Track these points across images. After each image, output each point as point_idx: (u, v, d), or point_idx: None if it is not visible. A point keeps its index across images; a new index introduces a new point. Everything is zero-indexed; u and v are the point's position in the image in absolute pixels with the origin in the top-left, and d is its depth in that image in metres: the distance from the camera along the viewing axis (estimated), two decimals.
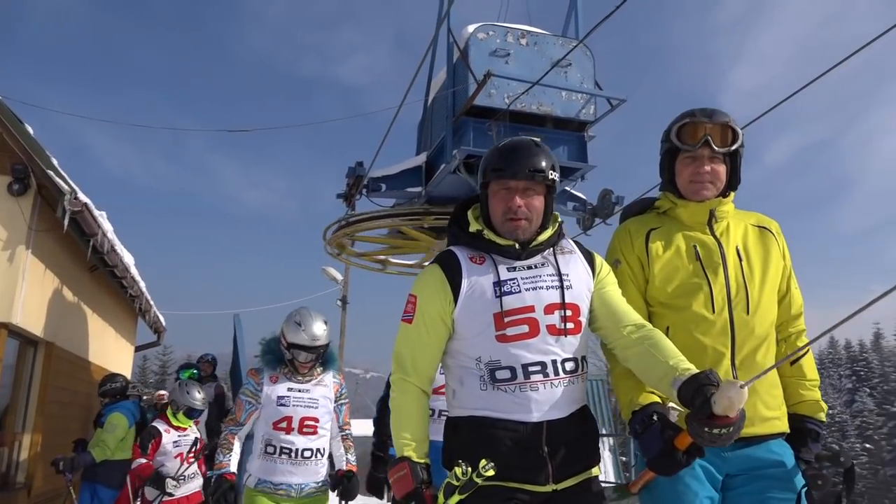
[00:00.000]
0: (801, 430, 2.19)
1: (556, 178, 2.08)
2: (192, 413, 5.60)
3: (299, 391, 3.70)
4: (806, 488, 2.08)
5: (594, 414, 2.24)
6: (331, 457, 3.93)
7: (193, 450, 5.36)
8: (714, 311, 2.13)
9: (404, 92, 9.01)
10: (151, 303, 12.16)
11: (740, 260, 2.21)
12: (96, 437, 6.55)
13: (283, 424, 3.62)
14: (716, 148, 2.17)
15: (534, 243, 2.09)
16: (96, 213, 7.49)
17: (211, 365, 7.92)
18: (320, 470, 3.74)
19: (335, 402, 3.83)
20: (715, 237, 2.24)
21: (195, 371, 7.25)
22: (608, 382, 14.32)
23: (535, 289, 2.02)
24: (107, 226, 8.06)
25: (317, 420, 3.69)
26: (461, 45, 7.44)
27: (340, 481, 3.85)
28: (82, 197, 6.94)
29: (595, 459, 2.10)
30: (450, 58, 7.82)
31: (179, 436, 5.51)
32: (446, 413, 2.17)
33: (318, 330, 3.67)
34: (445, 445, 2.09)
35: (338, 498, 3.92)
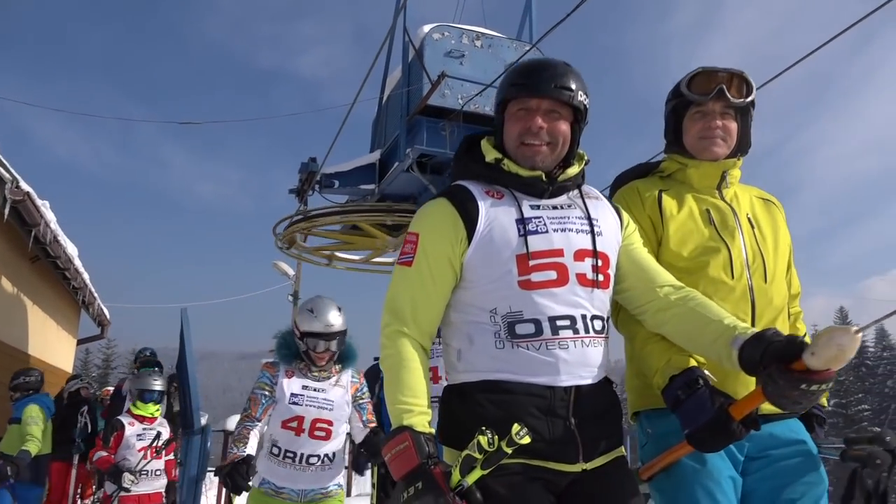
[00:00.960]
0: (807, 414, 2.01)
1: (586, 103, 1.75)
2: (145, 395, 5.39)
3: (314, 390, 3.44)
4: (856, 469, 1.91)
5: None
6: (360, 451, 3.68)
7: (156, 444, 5.18)
8: (733, 277, 1.96)
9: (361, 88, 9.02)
10: (95, 295, 11.88)
11: (752, 227, 2.06)
12: (13, 432, 6.21)
13: (294, 424, 3.38)
14: (730, 98, 2.01)
15: (560, 177, 1.78)
16: (39, 202, 7.30)
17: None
18: (330, 475, 3.50)
19: (354, 402, 3.55)
20: (726, 202, 2.09)
21: (155, 367, 7.19)
22: None
23: (563, 230, 1.71)
24: (49, 215, 7.86)
25: (330, 423, 3.42)
26: (416, 45, 7.48)
27: (364, 442, 3.59)
28: (24, 186, 6.77)
29: (622, 436, 1.80)
30: (405, 57, 7.85)
31: (144, 428, 5.29)
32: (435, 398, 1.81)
33: (332, 316, 3.42)
34: (446, 419, 1.74)
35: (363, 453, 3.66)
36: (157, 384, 5.52)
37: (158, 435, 5.26)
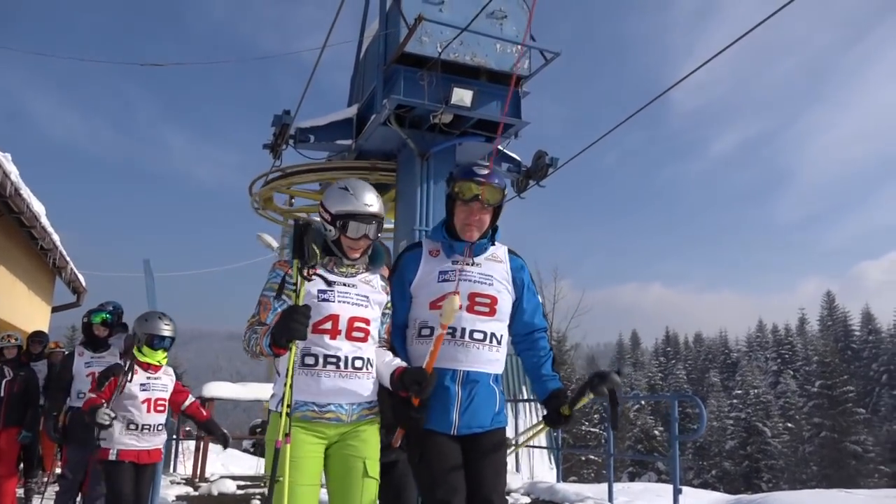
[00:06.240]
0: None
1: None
2: (155, 342, 4.70)
3: (345, 285, 2.80)
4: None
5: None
6: None
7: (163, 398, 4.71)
8: None
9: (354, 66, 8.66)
10: (67, 259, 11.56)
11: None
12: None
13: (328, 325, 2.72)
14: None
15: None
16: None
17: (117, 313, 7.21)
18: (372, 385, 2.82)
19: (383, 309, 2.92)
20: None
21: (107, 315, 6.31)
22: None
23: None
24: (10, 167, 7.54)
25: (368, 322, 2.80)
26: None
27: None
28: None
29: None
30: (383, 4, 7.54)
31: (149, 378, 4.70)
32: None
33: (370, 196, 2.81)
34: None
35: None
36: (170, 331, 4.81)
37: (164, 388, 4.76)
